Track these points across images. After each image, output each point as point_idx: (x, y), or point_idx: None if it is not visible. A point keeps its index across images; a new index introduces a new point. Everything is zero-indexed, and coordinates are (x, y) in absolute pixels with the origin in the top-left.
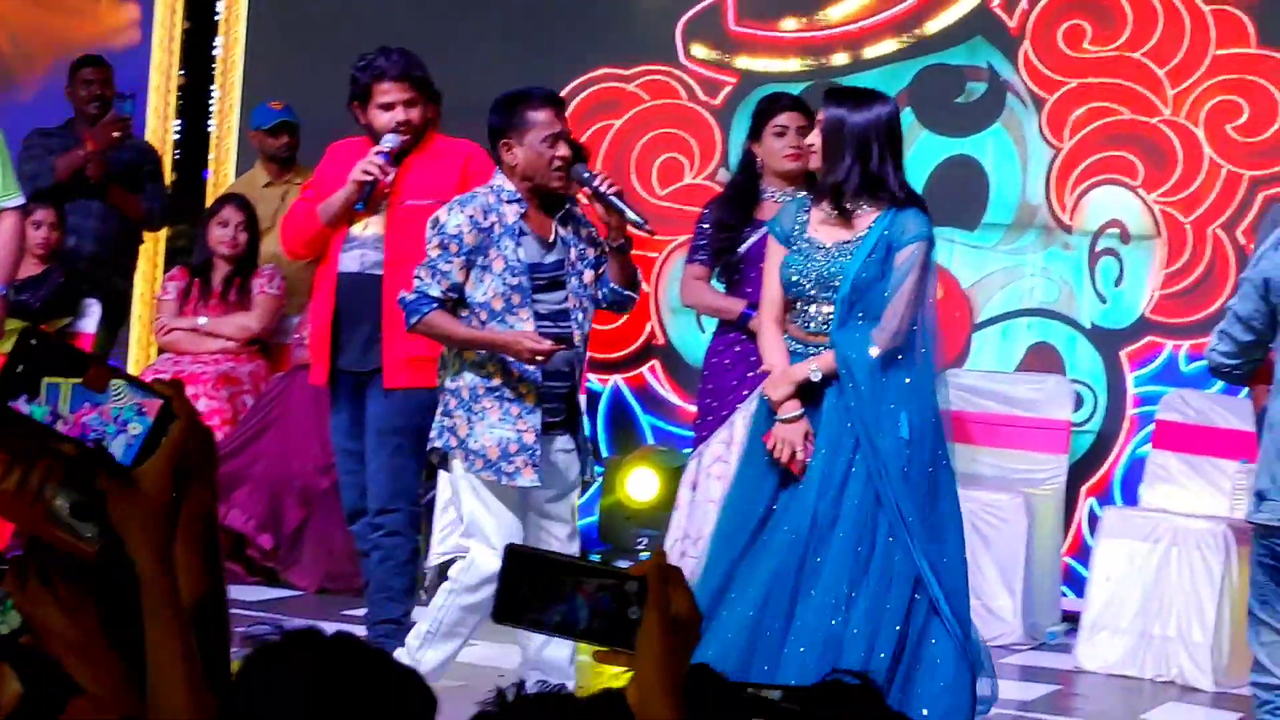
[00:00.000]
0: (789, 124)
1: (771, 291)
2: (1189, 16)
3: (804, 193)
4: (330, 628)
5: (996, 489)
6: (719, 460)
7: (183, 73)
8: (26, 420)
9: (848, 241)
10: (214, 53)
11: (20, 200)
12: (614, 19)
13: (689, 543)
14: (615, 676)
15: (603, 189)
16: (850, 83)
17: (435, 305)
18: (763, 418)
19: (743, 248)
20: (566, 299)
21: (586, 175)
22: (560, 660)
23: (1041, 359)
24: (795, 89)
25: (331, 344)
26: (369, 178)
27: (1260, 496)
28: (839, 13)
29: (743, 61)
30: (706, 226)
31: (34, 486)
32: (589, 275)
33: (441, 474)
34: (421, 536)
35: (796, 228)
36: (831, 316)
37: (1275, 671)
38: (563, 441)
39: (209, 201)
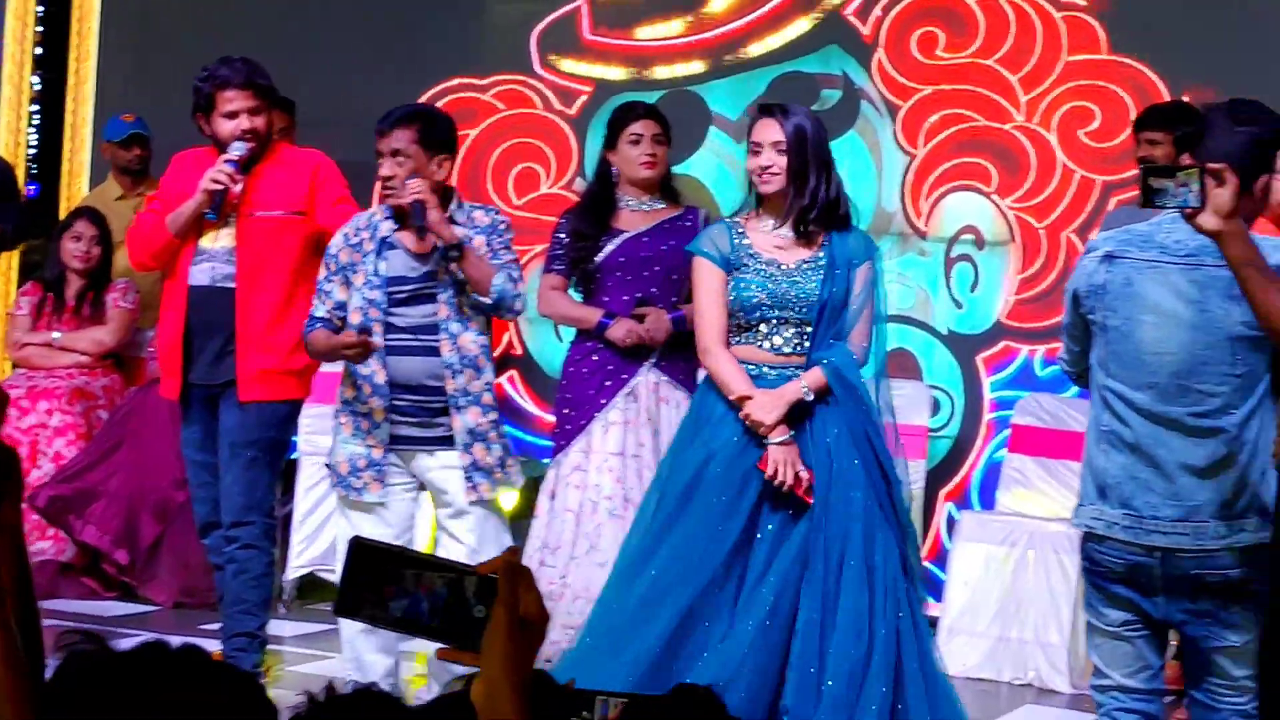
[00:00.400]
0: (644, 131)
1: (716, 317)
2: (1041, 23)
3: (655, 197)
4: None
5: None
6: (577, 469)
7: (38, 85)
8: None
9: (807, 261)
10: (63, 59)
11: None
12: (469, 29)
13: (547, 552)
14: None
15: (394, 201)
16: (705, 92)
17: (318, 324)
18: (734, 447)
19: (600, 256)
20: (437, 311)
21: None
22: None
23: (899, 364)
24: (651, 98)
25: (183, 358)
26: (218, 186)
27: (1079, 503)
28: (693, 21)
29: (598, 71)
30: (563, 236)
31: None
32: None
33: (299, 486)
34: (278, 550)
35: (739, 251)
36: (802, 336)
37: (1109, 674)
38: (444, 457)
39: (62, 215)
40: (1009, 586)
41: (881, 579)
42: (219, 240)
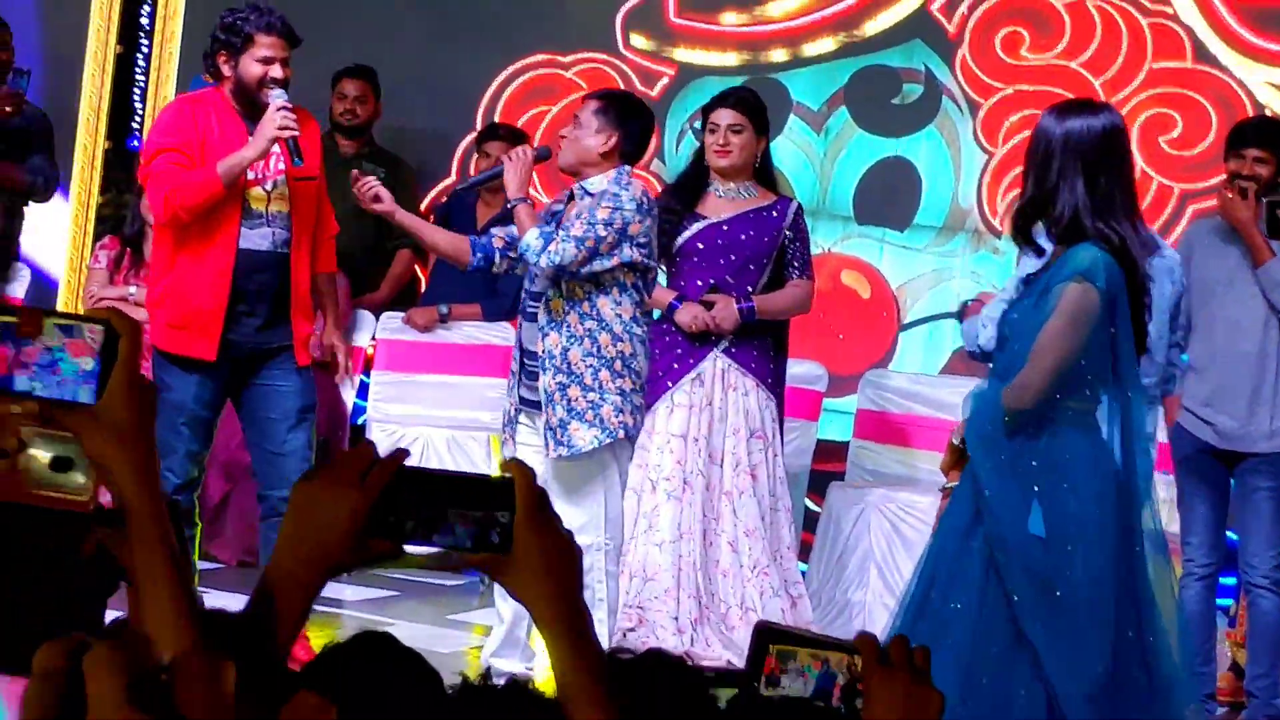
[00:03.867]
0: (720, 121)
1: None
2: (1127, 28)
3: (747, 185)
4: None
5: (918, 491)
6: (640, 448)
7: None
8: None
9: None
10: (142, 22)
11: None
12: (554, 5)
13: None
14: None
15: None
16: (786, 80)
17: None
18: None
19: (679, 240)
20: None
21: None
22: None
23: (967, 362)
24: (732, 84)
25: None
26: (293, 131)
27: None
28: (779, 9)
29: (681, 53)
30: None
31: (7, 453)
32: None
33: None
34: None
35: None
36: None
37: None
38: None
39: (137, 169)
40: None
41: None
42: (273, 203)
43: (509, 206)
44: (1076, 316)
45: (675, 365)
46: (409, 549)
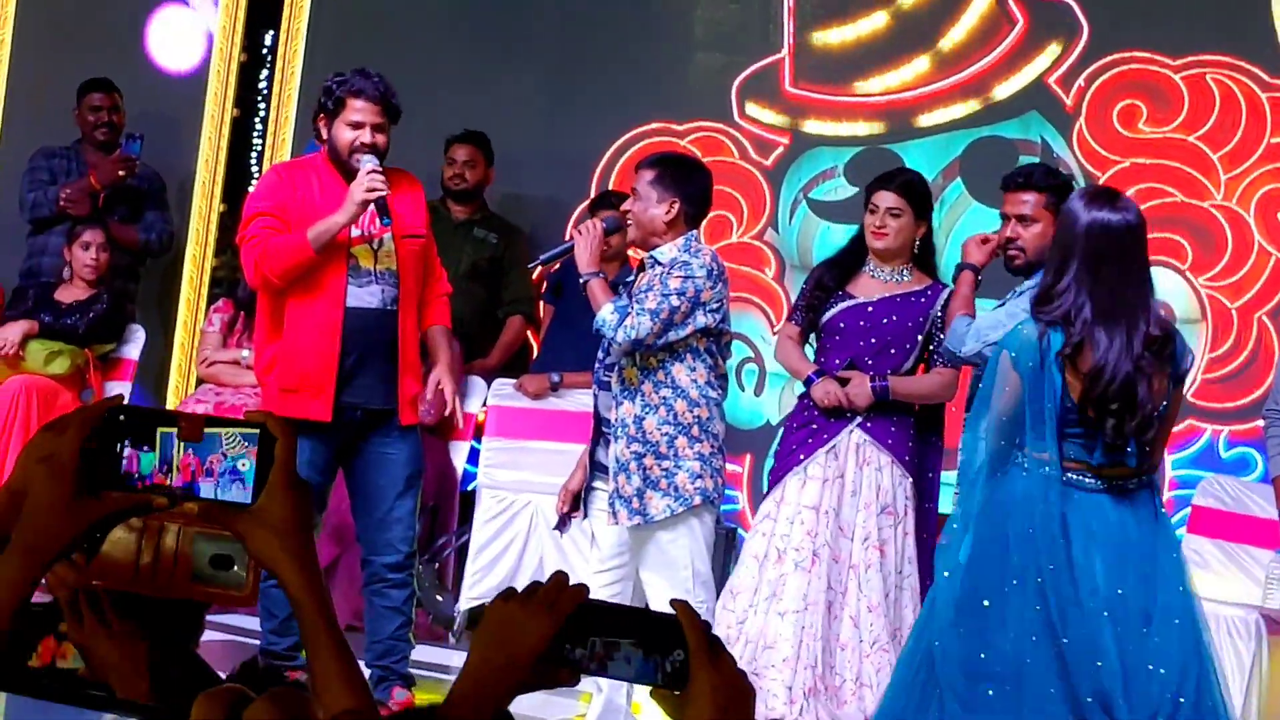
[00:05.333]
0: (879, 204)
1: None
2: (1245, 102)
3: (902, 268)
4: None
5: None
6: (767, 518)
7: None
8: (136, 491)
9: None
10: (259, 86)
11: None
12: (672, 74)
13: (729, 596)
14: None
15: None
16: (902, 151)
17: None
18: None
19: (826, 316)
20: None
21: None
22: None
23: None
24: (847, 153)
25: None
26: (382, 191)
27: None
28: (896, 80)
29: (796, 123)
30: (808, 286)
31: (171, 552)
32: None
33: (476, 517)
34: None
35: None
36: None
37: None
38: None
39: None
40: None
41: None
42: (380, 262)
43: (582, 281)
44: (1000, 378)
45: (810, 440)
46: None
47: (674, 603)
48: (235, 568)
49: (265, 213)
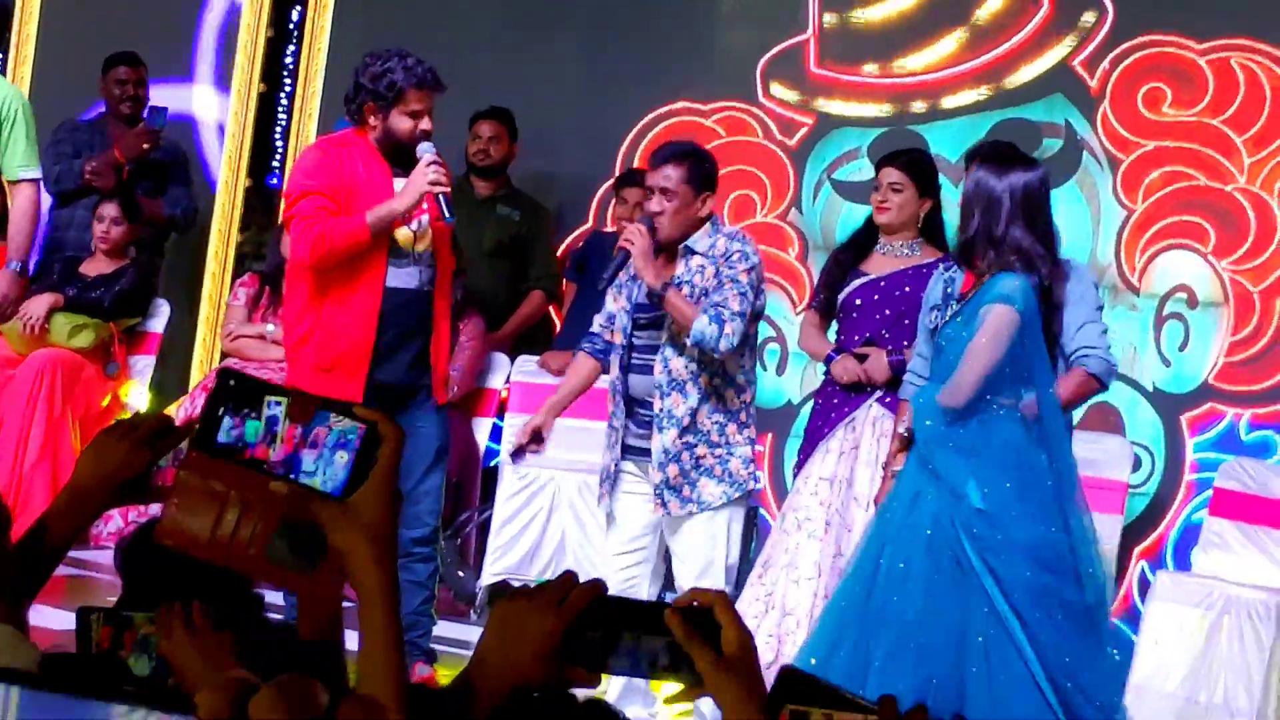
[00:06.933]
0: (882, 180)
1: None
2: (1270, 87)
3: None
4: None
5: None
6: (796, 493)
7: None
8: (237, 461)
9: (960, 300)
10: (285, 61)
11: (38, 174)
12: (697, 54)
13: (763, 568)
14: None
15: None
16: (926, 132)
17: (597, 339)
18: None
19: (842, 294)
20: (660, 336)
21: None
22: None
23: (1102, 419)
24: (871, 134)
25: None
26: (444, 187)
27: None
28: (920, 61)
29: (821, 104)
30: (825, 268)
31: (250, 528)
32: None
33: (498, 494)
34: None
35: (953, 291)
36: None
37: None
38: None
39: (278, 207)
40: (1201, 649)
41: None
42: (418, 244)
43: (652, 299)
44: (1000, 332)
45: (833, 415)
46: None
47: (699, 592)
48: (311, 555)
49: (317, 191)
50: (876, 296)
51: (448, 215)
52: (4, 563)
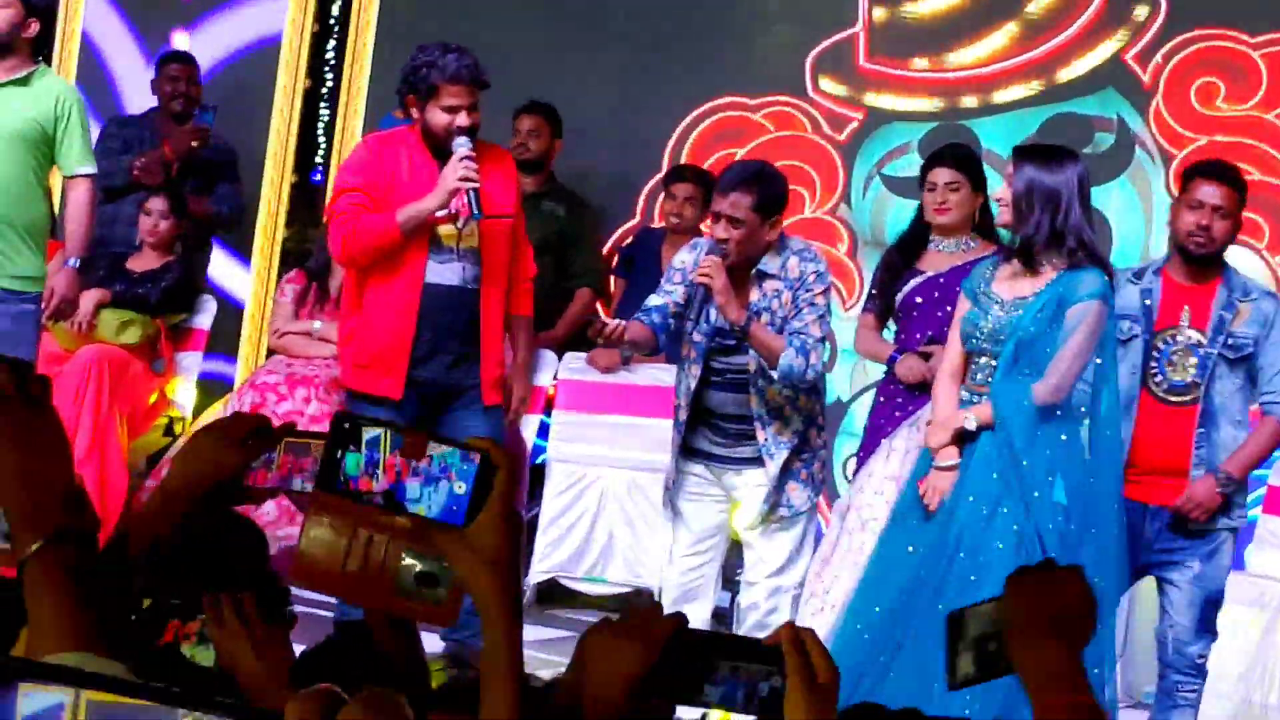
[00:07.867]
0: (936, 180)
1: (952, 346)
2: None
3: (967, 239)
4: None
5: None
6: (859, 491)
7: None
8: (345, 493)
9: (1024, 297)
10: (328, 57)
11: (94, 169)
12: (745, 48)
13: (823, 565)
14: None
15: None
16: (976, 127)
17: (654, 313)
18: (923, 466)
19: (900, 294)
20: (748, 365)
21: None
22: None
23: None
24: (921, 129)
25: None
26: (474, 183)
27: None
28: (970, 55)
29: (870, 98)
30: (877, 271)
31: (378, 563)
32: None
33: (546, 491)
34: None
35: (982, 284)
36: (995, 368)
37: None
38: (750, 476)
39: (321, 204)
40: (1256, 649)
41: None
42: (463, 240)
43: (737, 332)
44: (1095, 329)
45: (897, 413)
46: (683, 706)
47: (784, 630)
48: (439, 587)
49: (356, 188)
50: (937, 294)
51: (476, 212)
52: (89, 577)
